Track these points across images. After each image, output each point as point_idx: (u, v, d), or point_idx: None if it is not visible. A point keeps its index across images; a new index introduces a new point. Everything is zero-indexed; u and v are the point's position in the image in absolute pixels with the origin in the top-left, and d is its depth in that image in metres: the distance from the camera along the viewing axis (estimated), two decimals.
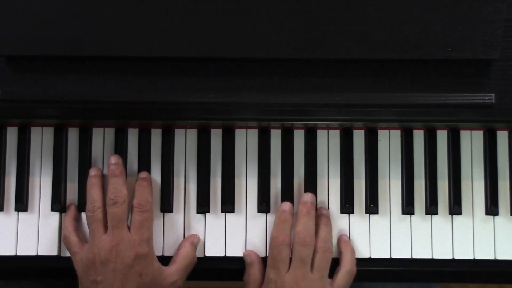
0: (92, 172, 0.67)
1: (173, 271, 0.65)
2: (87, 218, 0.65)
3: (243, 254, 0.68)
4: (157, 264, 0.64)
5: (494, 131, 0.70)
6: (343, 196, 0.69)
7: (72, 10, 0.60)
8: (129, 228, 0.64)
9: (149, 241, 0.64)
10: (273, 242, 0.65)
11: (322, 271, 0.64)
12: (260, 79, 0.62)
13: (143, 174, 0.67)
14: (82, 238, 0.67)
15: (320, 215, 0.67)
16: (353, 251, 0.67)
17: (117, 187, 0.65)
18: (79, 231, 0.68)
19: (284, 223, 0.66)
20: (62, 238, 0.66)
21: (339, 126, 0.70)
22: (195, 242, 0.68)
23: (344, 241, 0.68)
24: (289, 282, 0.63)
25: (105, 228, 0.64)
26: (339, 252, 0.68)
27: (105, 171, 0.69)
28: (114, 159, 0.67)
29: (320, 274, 0.64)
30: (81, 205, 0.69)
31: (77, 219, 0.68)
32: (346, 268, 0.66)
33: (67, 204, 0.69)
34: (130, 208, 0.65)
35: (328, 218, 0.68)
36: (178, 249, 0.67)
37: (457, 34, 0.60)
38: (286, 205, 0.67)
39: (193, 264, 0.67)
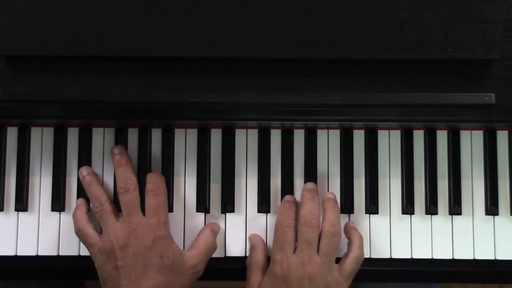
0: (84, 172, 0.67)
1: (194, 254, 0.65)
2: (96, 214, 0.65)
3: (248, 237, 0.68)
4: (176, 246, 0.64)
5: (494, 131, 0.70)
6: (343, 196, 0.69)
7: (72, 10, 0.60)
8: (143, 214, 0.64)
9: (166, 224, 0.64)
10: (278, 225, 0.65)
11: (329, 256, 0.64)
12: (260, 79, 0.62)
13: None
14: (97, 229, 0.66)
15: (326, 199, 0.67)
16: (360, 237, 0.67)
17: (126, 175, 0.65)
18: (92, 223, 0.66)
19: (289, 209, 0.66)
20: (76, 231, 0.66)
21: (339, 126, 0.70)
22: (216, 229, 0.68)
23: (351, 227, 0.68)
24: (295, 263, 0.62)
25: (117, 218, 0.64)
26: (347, 238, 0.67)
27: (106, 168, 0.69)
28: (118, 149, 0.67)
29: (327, 259, 0.63)
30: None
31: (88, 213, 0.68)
32: (355, 254, 0.65)
33: (76, 201, 0.68)
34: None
35: (334, 201, 0.67)
36: (198, 235, 0.67)
37: (457, 34, 0.60)
38: (290, 196, 0.68)
39: (213, 250, 0.67)
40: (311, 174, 0.69)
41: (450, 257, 0.68)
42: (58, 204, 0.68)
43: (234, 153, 0.70)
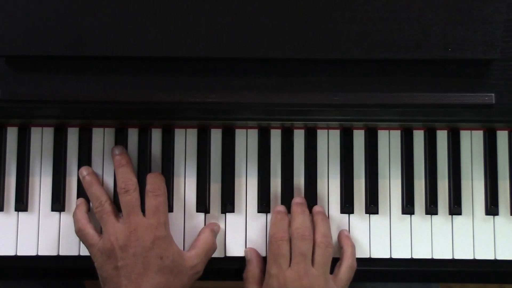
0: (84, 171, 0.67)
1: (193, 254, 0.65)
2: (96, 214, 0.65)
3: (244, 251, 0.68)
4: (176, 247, 0.64)
5: (494, 131, 0.70)
6: (343, 196, 0.69)
7: (72, 10, 0.60)
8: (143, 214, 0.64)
9: (166, 225, 0.64)
10: (272, 239, 0.65)
11: (324, 267, 0.64)
12: (260, 79, 0.62)
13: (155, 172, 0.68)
14: (97, 230, 0.66)
15: (316, 213, 0.68)
16: (353, 246, 0.68)
17: (126, 176, 0.65)
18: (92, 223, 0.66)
19: (281, 221, 0.66)
20: (76, 231, 0.66)
21: (339, 126, 0.70)
22: (216, 229, 0.68)
23: (345, 236, 0.68)
24: (291, 277, 0.63)
25: (117, 218, 0.64)
26: (340, 246, 0.68)
27: (106, 168, 0.69)
28: (118, 150, 0.67)
29: (322, 270, 0.64)
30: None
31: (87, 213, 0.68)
32: (348, 263, 0.66)
33: (76, 201, 0.68)
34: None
35: (324, 214, 0.68)
36: (198, 235, 0.67)
37: (457, 34, 0.60)
38: (281, 207, 0.68)
39: (213, 251, 0.67)
40: (311, 174, 0.69)
41: (450, 257, 0.68)
42: (58, 204, 0.68)
43: (234, 153, 0.70)
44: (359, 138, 0.70)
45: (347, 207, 0.69)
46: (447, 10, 0.60)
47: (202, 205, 0.69)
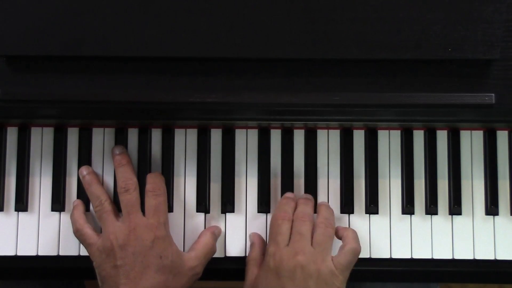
0: (84, 171, 0.68)
1: (193, 256, 0.65)
2: (95, 213, 0.65)
3: (248, 235, 0.69)
4: (175, 247, 0.64)
5: (494, 131, 0.70)
6: (343, 196, 0.69)
7: (72, 10, 0.60)
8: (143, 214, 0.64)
9: (165, 225, 0.64)
10: (273, 219, 0.65)
11: (323, 245, 0.63)
12: (260, 79, 0.62)
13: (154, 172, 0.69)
14: (95, 229, 0.66)
15: (320, 203, 0.68)
16: (354, 231, 0.66)
17: (127, 175, 0.65)
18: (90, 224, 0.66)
19: (286, 204, 0.66)
20: (74, 232, 0.66)
21: (339, 126, 0.70)
22: (216, 233, 0.68)
23: (342, 227, 0.67)
24: (287, 254, 0.62)
25: (116, 217, 0.65)
26: (340, 236, 0.66)
27: (106, 168, 0.69)
28: (119, 149, 0.67)
29: (320, 248, 0.63)
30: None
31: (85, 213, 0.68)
32: (350, 246, 0.64)
33: (73, 203, 0.68)
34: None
35: (328, 205, 0.68)
36: (198, 237, 0.67)
37: (457, 34, 0.60)
38: (290, 193, 0.68)
39: (212, 254, 0.67)
40: (311, 174, 0.69)
41: (450, 257, 0.68)
42: (58, 204, 0.68)
43: (234, 153, 0.70)
44: (359, 138, 0.70)
45: (347, 207, 0.69)
46: (447, 10, 0.60)
47: (202, 205, 0.69)
